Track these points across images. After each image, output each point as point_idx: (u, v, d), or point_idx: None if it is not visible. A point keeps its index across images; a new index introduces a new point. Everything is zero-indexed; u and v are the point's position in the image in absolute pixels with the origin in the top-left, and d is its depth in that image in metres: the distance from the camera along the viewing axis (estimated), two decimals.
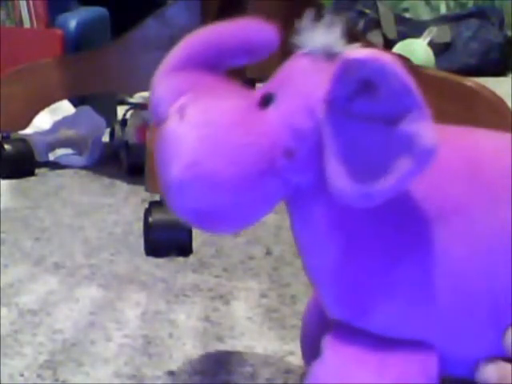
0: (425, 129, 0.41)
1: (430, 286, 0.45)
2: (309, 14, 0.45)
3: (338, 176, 0.43)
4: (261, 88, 0.48)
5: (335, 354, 0.47)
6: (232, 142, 0.45)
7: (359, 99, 0.42)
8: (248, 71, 0.51)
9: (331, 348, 0.47)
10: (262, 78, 0.52)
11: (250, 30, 0.49)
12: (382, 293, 0.45)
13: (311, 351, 0.53)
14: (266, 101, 0.46)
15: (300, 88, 0.46)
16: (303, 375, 0.51)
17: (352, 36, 0.47)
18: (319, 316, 0.53)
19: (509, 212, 0.45)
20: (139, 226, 0.92)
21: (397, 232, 0.45)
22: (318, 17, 0.46)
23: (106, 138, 1.43)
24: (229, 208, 0.46)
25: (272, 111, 0.46)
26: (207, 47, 0.48)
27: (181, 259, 0.86)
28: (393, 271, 0.45)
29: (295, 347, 0.59)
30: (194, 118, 0.46)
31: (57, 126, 1.33)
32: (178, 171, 0.45)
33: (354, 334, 0.47)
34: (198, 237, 0.89)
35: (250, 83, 0.49)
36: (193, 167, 0.45)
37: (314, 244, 0.47)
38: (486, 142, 0.48)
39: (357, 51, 0.41)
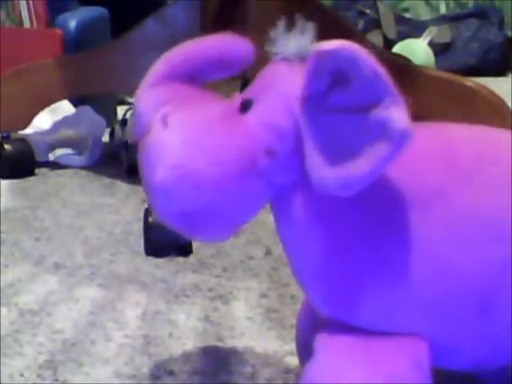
0: (398, 113, 0.42)
1: (414, 274, 0.45)
2: (282, 22, 0.47)
3: (317, 166, 0.44)
4: (239, 95, 0.50)
5: (328, 354, 0.47)
6: (213, 144, 0.46)
7: (334, 93, 0.43)
8: (248, 72, 0.51)
9: (324, 347, 0.47)
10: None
11: (226, 45, 0.50)
12: (368, 285, 0.46)
13: (306, 351, 0.53)
14: (245, 107, 0.48)
15: (277, 90, 0.47)
16: (298, 375, 0.51)
17: (351, 36, 0.48)
18: (312, 316, 0.53)
19: (485, 196, 0.46)
20: (139, 226, 0.92)
21: (378, 223, 0.46)
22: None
23: (106, 138, 1.43)
24: (213, 209, 0.46)
25: (251, 114, 0.47)
26: (186, 63, 0.50)
27: (181, 259, 0.86)
28: (377, 262, 0.46)
29: (295, 347, 0.59)
30: (177, 125, 0.47)
31: (57, 126, 1.33)
32: (161, 175, 0.46)
33: (345, 331, 0.47)
34: None
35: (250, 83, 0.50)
36: (176, 170, 0.46)
37: (299, 244, 0.48)
38: (460, 131, 0.50)
39: (327, 43, 0.43)
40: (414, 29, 2.87)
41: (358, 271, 0.46)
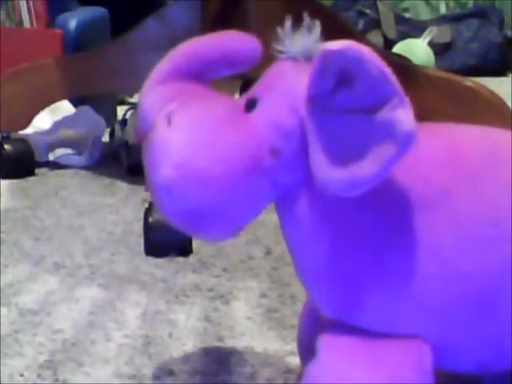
0: (405, 114, 0.42)
1: (419, 276, 0.45)
2: (288, 21, 0.47)
3: (322, 167, 0.44)
4: (245, 95, 0.49)
5: (330, 354, 0.47)
6: (218, 142, 0.46)
7: (340, 93, 0.43)
8: (249, 71, 0.51)
9: (326, 348, 0.47)
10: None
11: (232, 42, 0.50)
12: (371, 287, 0.46)
13: (307, 351, 0.53)
14: (250, 105, 0.48)
15: (282, 89, 0.47)
16: (300, 375, 0.51)
17: (351, 36, 0.48)
18: (314, 316, 0.53)
19: (489, 196, 0.46)
20: (139, 226, 0.92)
21: (383, 225, 0.46)
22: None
23: (106, 138, 1.43)
24: (217, 208, 0.46)
25: (256, 113, 0.47)
26: (191, 60, 0.50)
27: (181, 259, 0.86)
28: (381, 264, 0.46)
29: (295, 347, 0.59)
30: (181, 123, 0.47)
31: (57, 126, 1.33)
32: (165, 173, 0.46)
33: (347, 332, 0.47)
34: None
35: (253, 83, 0.50)
36: (181, 168, 0.46)
37: (303, 243, 0.48)
38: (463, 132, 0.50)
39: (333, 43, 0.42)
40: (413, 29, 2.87)
41: (362, 272, 0.46)
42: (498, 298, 0.45)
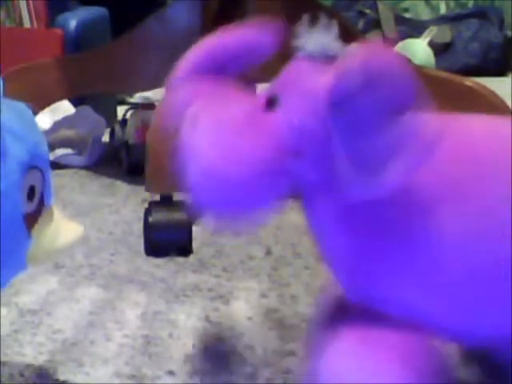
0: (426, 121, 0.42)
1: (435, 265, 0.46)
2: (306, 17, 0.47)
3: (346, 172, 0.45)
4: (264, 91, 0.50)
5: (333, 352, 0.48)
6: (241, 145, 0.47)
7: (361, 98, 0.44)
8: (251, 72, 0.52)
9: (330, 346, 0.48)
10: (262, 80, 0.53)
11: (250, 34, 0.51)
12: (391, 275, 0.47)
13: (314, 349, 0.53)
14: (270, 103, 0.48)
15: (303, 89, 0.48)
16: (300, 375, 0.51)
17: (351, 36, 0.48)
18: (324, 313, 0.54)
19: (506, 188, 0.46)
20: (139, 226, 0.92)
21: (400, 216, 0.47)
22: (316, 17, 0.47)
23: (106, 138, 1.42)
24: (237, 208, 0.48)
25: (278, 113, 0.48)
26: (214, 55, 0.51)
27: (181, 259, 0.86)
28: (399, 254, 0.47)
29: (295, 347, 0.59)
30: (205, 126, 0.48)
31: (57, 126, 1.33)
32: (194, 178, 0.47)
33: (354, 329, 0.48)
34: (198, 237, 0.89)
35: (252, 84, 0.50)
36: (206, 173, 0.47)
37: (326, 236, 0.49)
38: (477, 123, 0.51)
39: (356, 50, 0.43)
40: (414, 29, 2.87)
41: (381, 262, 0.47)
42: (508, 285, 0.46)
